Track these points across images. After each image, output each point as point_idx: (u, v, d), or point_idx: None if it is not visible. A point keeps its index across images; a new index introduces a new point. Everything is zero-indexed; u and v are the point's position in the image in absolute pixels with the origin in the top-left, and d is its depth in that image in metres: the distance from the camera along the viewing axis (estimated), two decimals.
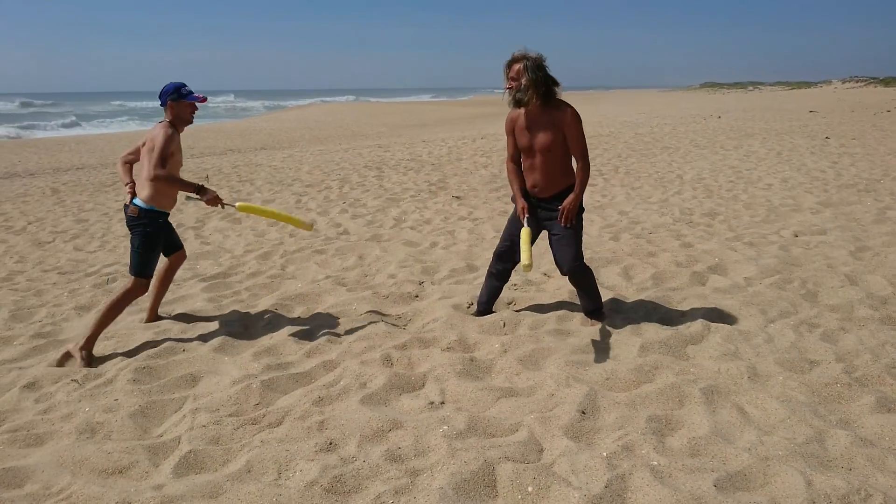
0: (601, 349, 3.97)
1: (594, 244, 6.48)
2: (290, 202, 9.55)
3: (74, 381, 3.76)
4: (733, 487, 2.60)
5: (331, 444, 2.96)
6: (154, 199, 4.24)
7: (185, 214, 8.84)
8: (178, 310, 4.92)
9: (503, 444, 2.92)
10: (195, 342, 4.27)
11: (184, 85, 4.24)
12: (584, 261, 4.25)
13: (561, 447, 2.88)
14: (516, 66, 4.00)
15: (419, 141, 18.97)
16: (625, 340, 4.05)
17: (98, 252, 7.03)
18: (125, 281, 4.44)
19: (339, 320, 4.56)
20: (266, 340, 4.28)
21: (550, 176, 4.14)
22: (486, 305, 4.61)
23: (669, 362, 3.70)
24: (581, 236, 4.22)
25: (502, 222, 7.57)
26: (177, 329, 4.52)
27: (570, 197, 4.06)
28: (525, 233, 4.00)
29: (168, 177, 4.13)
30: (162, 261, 4.55)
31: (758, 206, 8.15)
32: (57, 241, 7.66)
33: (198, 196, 4.17)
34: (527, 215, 4.18)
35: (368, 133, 24.96)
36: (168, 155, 4.13)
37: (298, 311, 4.82)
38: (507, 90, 4.05)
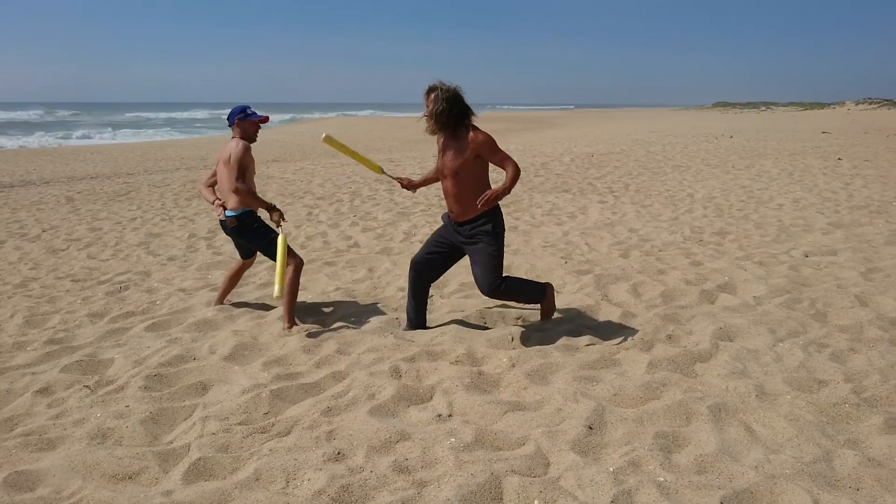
0: (609, 365, 3.98)
1: (604, 261, 6.50)
2: (302, 214, 9.62)
3: (87, 387, 3.80)
4: None
5: (339, 453, 2.99)
6: (241, 204, 4.72)
7: (197, 225, 8.93)
8: (189, 319, 4.96)
9: (510, 457, 2.93)
10: (206, 351, 4.31)
11: (248, 107, 4.83)
12: (503, 275, 4.32)
13: (567, 461, 2.89)
14: (431, 96, 4.16)
15: (430, 155, 19.06)
16: (633, 357, 4.06)
17: (111, 261, 7.10)
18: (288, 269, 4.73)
19: (349, 332, 4.59)
20: (276, 350, 4.32)
21: (462, 201, 4.24)
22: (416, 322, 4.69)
23: (677, 379, 3.71)
24: (500, 259, 4.26)
25: (513, 237, 7.61)
26: (187, 338, 4.56)
27: (497, 188, 4.04)
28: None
29: (247, 192, 4.64)
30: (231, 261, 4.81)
31: (768, 225, 8.15)
32: (71, 248, 7.74)
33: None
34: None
35: (380, 147, 25.08)
36: (246, 167, 4.67)
37: (308, 323, 4.85)
38: (425, 117, 4.22)
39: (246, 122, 4.78)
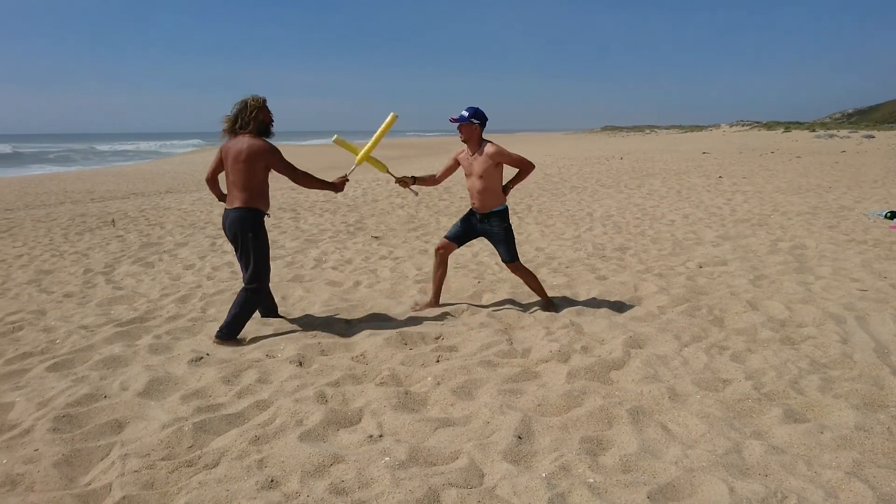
0: (530, 378, 4.11)
1: (514, 279, 6.67)
2: (205, 245, 9.34)
3: None
4: (665, 498, 2.76)
5: (272, 481, 2.94)
6: None
7: (91, 260, 8.49)
8: (95, 357, 4.72)
9: (445, 471, 2.97)
10: (117, 388, 4.11)
11: None
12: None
13: (501, 471, 2.96)
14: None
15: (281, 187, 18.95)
16: (552, 368, 4.21)
17: None
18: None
19: (268, 360, 4.51)
20: (193, 383, 4.18)
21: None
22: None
23: (596, 387, 3.88)
24: None
25: (423, 261, 7.71)
26: (95, 376, 4.33)
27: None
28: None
29: None
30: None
31: (663, 240, 8.63)
32: None
33: None
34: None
35: (277, 175, 24.70)
36: None
37: (224, 353, 4.72)
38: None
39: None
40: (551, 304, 5.62)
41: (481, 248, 8.42)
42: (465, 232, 5.62)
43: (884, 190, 13.79)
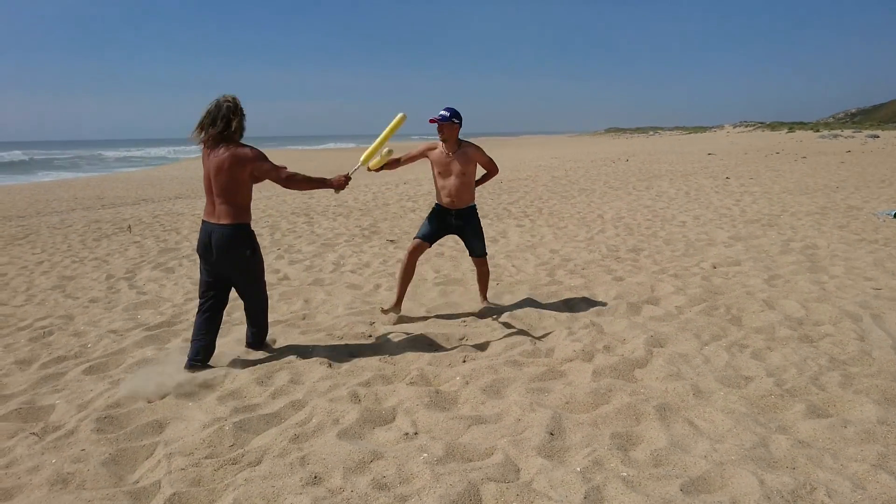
0: (557, 376, 4.22)
1: (533, 280, 6.79)
2: None
3: (33, 434, 3.66)
4: (697, 490, 2.86)
5: (316, 477, 3.04)
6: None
7: (112, 266, 8.62)
8: (128, 360, 4.84)
9: (482, 466, 3.08)
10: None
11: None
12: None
13: (536, 466, 3.07)
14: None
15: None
16: (577, 367, 4.31)
17: (26, 306, 6.76)
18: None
19: (297, 362, 4.61)
20: (228, 385, 4.29)
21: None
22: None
23: (621, 385, 3.98)
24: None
25: (440, 263, 7.81)
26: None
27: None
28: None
29: None
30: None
31: (676, 241, 8.73)
32: None
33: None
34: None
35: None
36: None
37: (254, 356, 4.83)
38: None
39: None
40: (485, 298, 5.96)
41: (496, 251, 8.54)
42: (438, 230, 5.67)
43: (892, 189, 13.86)
